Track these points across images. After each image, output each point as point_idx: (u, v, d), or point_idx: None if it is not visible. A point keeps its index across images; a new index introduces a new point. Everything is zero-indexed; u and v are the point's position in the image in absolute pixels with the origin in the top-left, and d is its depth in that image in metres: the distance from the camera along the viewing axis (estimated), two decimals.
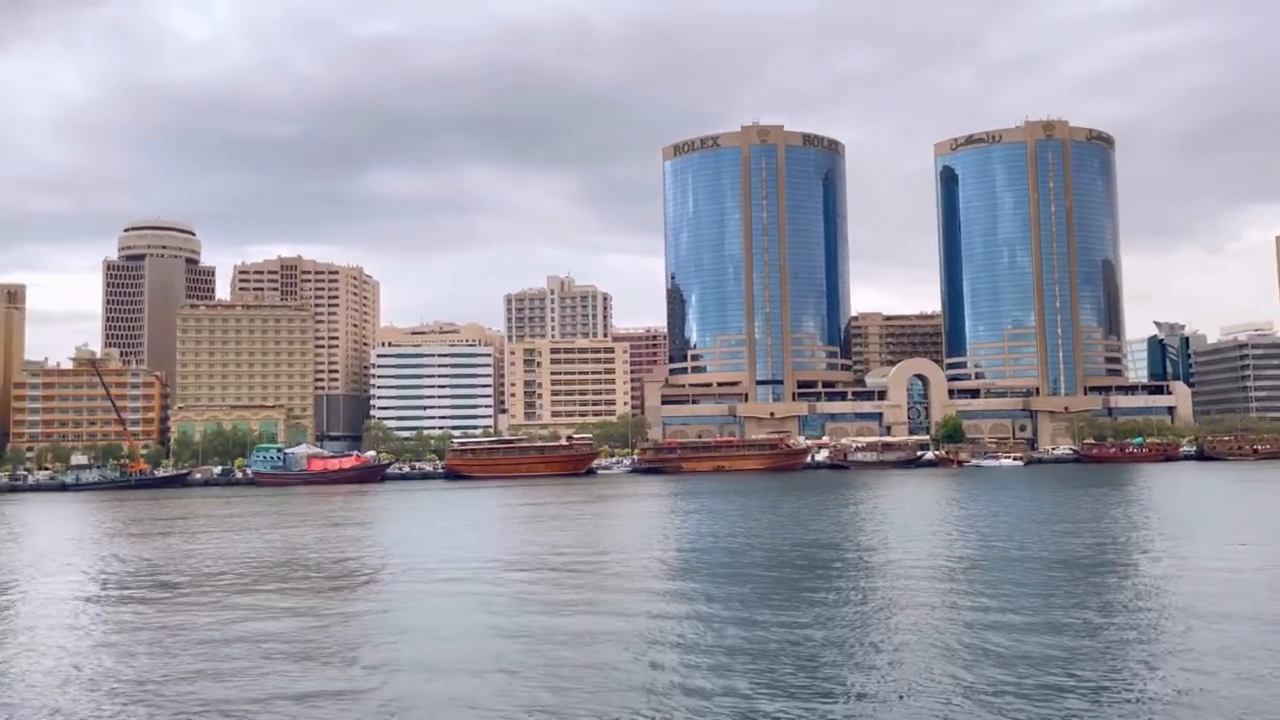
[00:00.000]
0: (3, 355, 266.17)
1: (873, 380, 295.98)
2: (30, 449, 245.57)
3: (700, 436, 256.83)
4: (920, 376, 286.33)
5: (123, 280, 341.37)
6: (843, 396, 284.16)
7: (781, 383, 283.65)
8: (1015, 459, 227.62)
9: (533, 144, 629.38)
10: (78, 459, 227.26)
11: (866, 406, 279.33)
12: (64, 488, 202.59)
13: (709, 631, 34.29)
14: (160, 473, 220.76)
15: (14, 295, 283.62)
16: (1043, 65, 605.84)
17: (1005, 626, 33.57)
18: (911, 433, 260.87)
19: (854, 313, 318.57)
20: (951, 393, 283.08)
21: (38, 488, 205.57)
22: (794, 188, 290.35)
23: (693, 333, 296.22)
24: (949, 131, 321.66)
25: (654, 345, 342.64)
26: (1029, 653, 29.67)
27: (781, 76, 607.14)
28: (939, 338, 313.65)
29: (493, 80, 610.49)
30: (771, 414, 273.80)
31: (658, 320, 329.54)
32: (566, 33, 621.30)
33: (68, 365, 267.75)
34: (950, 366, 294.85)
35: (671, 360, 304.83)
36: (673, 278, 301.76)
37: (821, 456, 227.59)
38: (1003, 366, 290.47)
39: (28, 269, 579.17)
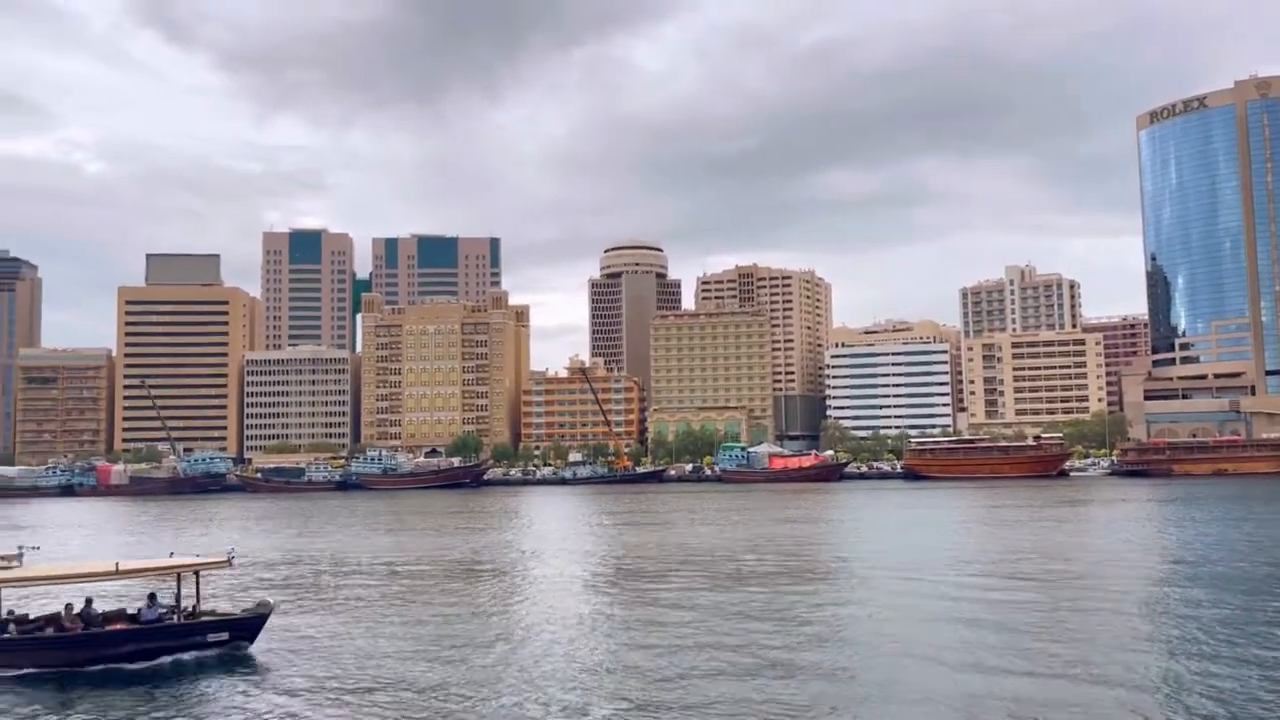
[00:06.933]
0: (514, 367, 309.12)
1: None
2: (537, 448, 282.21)
3: (1194, 435, 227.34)
4: None
5: (604, 296, 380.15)
6: None
7: None
8: None
9: (981, 128, 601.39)
10: (574, 456, 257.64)
11: None
12: (563, 481, 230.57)
13: (1210, 668, 29.98)
14: (640, 469, 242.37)
15: (520, 315, 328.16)
16: None
17: None
18: None
19: None
20: None
21: (543, 481, 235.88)
22: None
23: (1180, 319, 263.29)
24: None
25: (1132, 335, 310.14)
26: None
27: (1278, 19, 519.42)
28: None
29: (935, 69, 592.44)
30: None
31: (1136, 307, 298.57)
32: (1009, 6, 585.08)
33: (563, 374, 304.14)
34: None
35: (1154, 351, 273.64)
36: (1153, 258, 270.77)
37: None
38: None
39: (529, 291, 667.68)
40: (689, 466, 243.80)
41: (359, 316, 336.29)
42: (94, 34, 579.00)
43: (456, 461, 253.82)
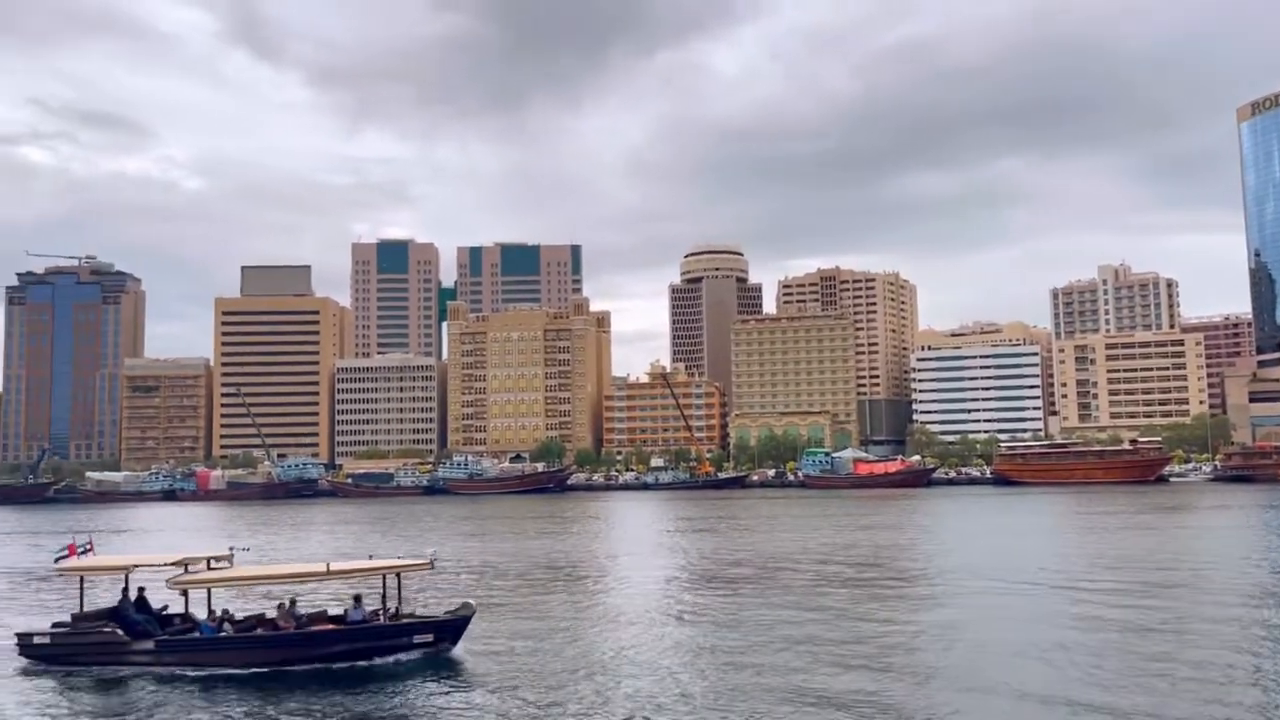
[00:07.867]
0: (596, 372, 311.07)
1: None
2: (619, 453, 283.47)
3: None
4: None
5: (684, 301, 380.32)
6: None
7: None
8: None
9: (1071, 125, 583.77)
10: (656, 461, 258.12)
11: None
12: (645, 487, 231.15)
13: None
14: (722, 475, 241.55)
15: (601, 321, 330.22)
16: None
17: None
18: None
19: None
20: None
21: (626, 486, 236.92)
22: None
23: None
24: None
25: (1235, 335, 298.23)
26: None
27: None
28: None
29: (1024, 65, 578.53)
30: None
31: (1238, 306, 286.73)
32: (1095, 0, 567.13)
33: (644, 379, 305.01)
34: None
35: (1259, 351, 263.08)
36: (1257, 255, 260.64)
37: None
38: None
39: (610, 297, 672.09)
40: (772, 472, 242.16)
41: (445, 324, 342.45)
42: (189, 55, 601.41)
43: (540, 467, 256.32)
